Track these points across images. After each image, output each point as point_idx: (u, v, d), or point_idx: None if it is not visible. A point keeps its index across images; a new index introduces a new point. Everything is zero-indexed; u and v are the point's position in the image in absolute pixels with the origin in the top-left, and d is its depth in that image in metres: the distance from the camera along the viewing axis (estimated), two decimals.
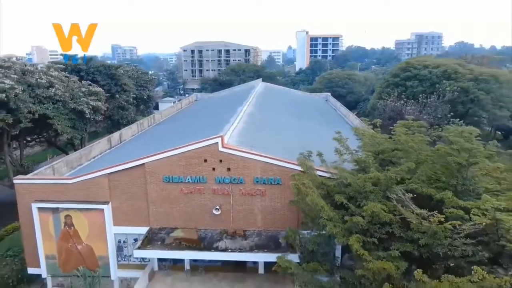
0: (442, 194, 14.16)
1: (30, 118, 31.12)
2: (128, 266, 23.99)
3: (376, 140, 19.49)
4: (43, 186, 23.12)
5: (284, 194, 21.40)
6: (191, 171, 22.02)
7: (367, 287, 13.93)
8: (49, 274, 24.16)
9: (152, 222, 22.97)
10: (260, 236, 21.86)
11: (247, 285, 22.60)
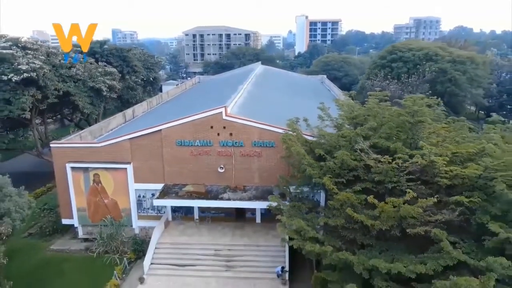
0: (395, 145, 18.59)
1: (55, 94, 35.38)
2: (147, 217, 28.53)
3: (352, 108, 23.81)
4: (76, 149, 27.57)
5: (277, 155, 25.74)
6: (200, 136, 26.37)
7: (336, 214, 18.41)
8: (80, 224, 28.77)
9: (167, 179, 27.43)
10: (257, 190, 26.33)
11: (246, 231, 27.24)
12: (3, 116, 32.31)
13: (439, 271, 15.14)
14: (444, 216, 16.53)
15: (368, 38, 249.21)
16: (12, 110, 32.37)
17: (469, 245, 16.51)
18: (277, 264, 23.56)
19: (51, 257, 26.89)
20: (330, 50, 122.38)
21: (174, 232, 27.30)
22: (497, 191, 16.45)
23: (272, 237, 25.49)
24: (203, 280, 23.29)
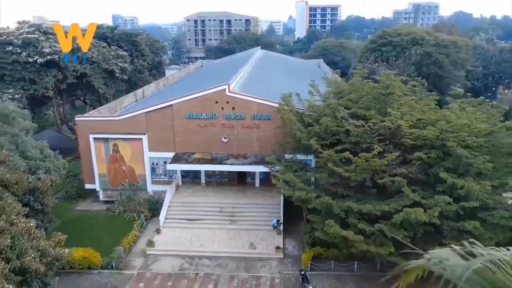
0: (370, 113, 22.47)
1: (74, 75, 39.11)
2: (159, 182, 32.52)
3: (338, 85, 27.63)
4: (98, 122, 31.46)
5: (273, 126, 29.54)
6: (206, 110, 30.17)
7: (321, 171, 22.41)
8: (101, 188, 32.82)
9: (177, 148, 31.33)
10: (256, 157, 30.25)
11: (246, 193, 31.31)
12: (29, 94, 36.07)
13: (399, 209, 19.18)
14: (407, 169, 20.57)
15: (368, 24, 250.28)
16: (37, 89, 36.16)
17: (426, 192, 20.55)
18: (273, 218, 27.68)
19: (78, 215, 31.02)
20: (328, 36, 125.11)
21: (184, 194, 31.37)
22: (450, 149, 20.44)
23: (269, 198, 29.55)
24: (210, 231, 27.41)
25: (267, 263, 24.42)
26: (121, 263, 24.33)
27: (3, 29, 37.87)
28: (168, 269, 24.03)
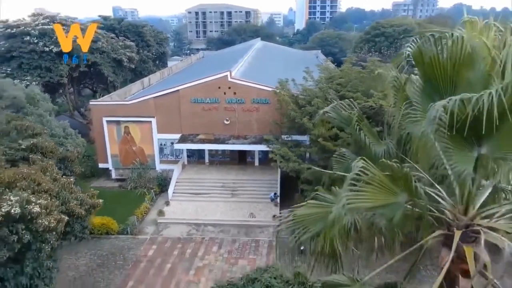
0: (356, 95, 25.34)
1: (85, 64, 41.90)
2: (167, 161, 35.46)
3: (330, 71, 30.48)
4: (110, 106, 34.35)
5: (271, 110, 32.35)
6: (210, 94, 33.00)
7: (313, 146, 25.36)
8: (113, 167, 35.78)
9: (183, 130, 34.20)
10: (255, 138, 33.14)
11: (247, 171, 34.28)
12: (45, 81, 38.91)
13: None
14: None
15: (368, 16, 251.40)
16: (52, 76, 39.01)
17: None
18: (271, 192, 30.68)
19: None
20: (327, 28, 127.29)
21: (190, 172, 34.35)
22: None
23: (268, 174, 32.50)
24: (214, 203, 30.41)
25: (265, 229, 27.45)
26: (135, 230, 27.42)
27: (19, 20, 40.55)
28: (177, 234, 27.09)
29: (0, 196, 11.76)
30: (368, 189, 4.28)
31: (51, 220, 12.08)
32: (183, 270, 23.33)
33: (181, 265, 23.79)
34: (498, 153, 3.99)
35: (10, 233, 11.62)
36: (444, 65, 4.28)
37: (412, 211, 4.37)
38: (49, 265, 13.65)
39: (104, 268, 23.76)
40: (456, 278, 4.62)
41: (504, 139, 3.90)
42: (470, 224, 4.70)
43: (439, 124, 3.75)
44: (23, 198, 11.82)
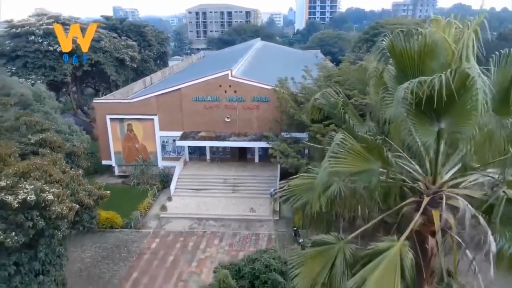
0: (353, 92, 26.11)
1: (88, 63, 42.68)
2: (169, 158, 36.21)
3: (328, 69, 31.24)
4: (114, 104, 35.12)
5: (270, 107, 33.12)
6: (211, 93, 33.76)
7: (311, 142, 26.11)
8: (116, 164, 36.55)
9: (185, 127, 34.97)
10: (255, 135, 33.90)
11: (247, 167, 35.05)
12: (49, 80, 39.68)
13: None
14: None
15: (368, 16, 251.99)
16: (56, 75, 39.81)
17: None
18: (271, 188, 31.43)
19: None
20: (327, 28, 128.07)
21: (191, 168, 35.11)
22: None
23: (268, 171, 33.28)
24: (215, 199, 31.17)
25: (265, 223, 28.23)
26: (139, 224, 28.20)
27: (24, 20, 41.33)
28: (179, 228, 27.86)
29: (16, 184, 12.54)
30: (347, 156, 5.04)
31: (64, 208, 12.85)
32: (185, 261, 24.11)
33: (183, 257, 24.56)
34: (454, 127, 4.76)
35: (25, 219, 12.39)
36: (412, 56, 5.06)
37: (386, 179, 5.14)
38: (60, 251, 14.40)
39: (109, 260, 24.52)
40: (426, 238, 5.37)
41: (458, 116, 4.66)
42: (438, 192, 5.46)
43: (405, 103, 4.52)
44: (37, 187, 12.59)
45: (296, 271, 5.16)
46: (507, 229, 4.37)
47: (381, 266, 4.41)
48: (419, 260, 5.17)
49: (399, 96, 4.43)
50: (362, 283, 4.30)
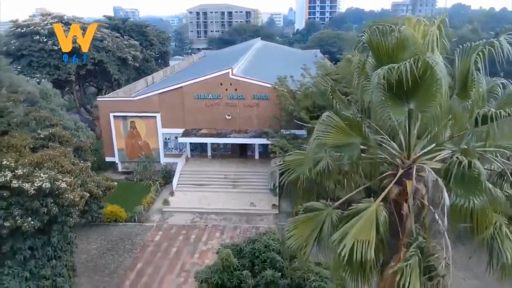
0: (350, 89, 26.93)
1: (92, 62, 43.53)
2: (171, 155, 37.05)
3: (326, 68, 32.09)
4: (117, 102, 35.97)
5: (270, 105, 33.96)
6: (212, 91, 34.61)
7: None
8: (120, 160, 37.39)
9: (187, 125, 35.81)
10: (255, 132, 34.74)
11: (247, 164, 35.91)
12: (53, 79, 40.50)
13: None
14: None
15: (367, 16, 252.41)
16: (61, 74, 40.65)
17: None
18: (270, 182, 32.29)
19: None
20: (326, 28, 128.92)
21: (193, 164, 35.98)
22: None
23: (267, 167, 34.04)
24: (216, 194, 32.01)
25: (265, 217, 29.10)
26: (142, 217, 29.08)
27: (28, 20, 42.19)
28: (181, 221, 28.73)
29: (31, 173, 13.37)
30: (333, 132, 5.90)
31: (75, 195, 13.68)
32: (188, 253, 24.98)
33: (186, 249, 25.43)
34: (421, 107, 5.60)
35: (40, 205, 13.23)
36: (386, 48, 5.90)
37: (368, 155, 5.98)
38: (71, 238, 15.24)
39: (114, 252, 25.39)
40: (402, 205, 6.20)
41: (423, 97, 5.49)
42: (412, 165, 6.29)
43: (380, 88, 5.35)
44: (51, 175, 13.41)
45: (290, 234, 6.01)
46: (459, 188, 5.18)
47: (360, 222, 5.27)
48: (397, 226, 6.01)
49: (374, 81, 5.27)
50: (344, 236, 5.15)
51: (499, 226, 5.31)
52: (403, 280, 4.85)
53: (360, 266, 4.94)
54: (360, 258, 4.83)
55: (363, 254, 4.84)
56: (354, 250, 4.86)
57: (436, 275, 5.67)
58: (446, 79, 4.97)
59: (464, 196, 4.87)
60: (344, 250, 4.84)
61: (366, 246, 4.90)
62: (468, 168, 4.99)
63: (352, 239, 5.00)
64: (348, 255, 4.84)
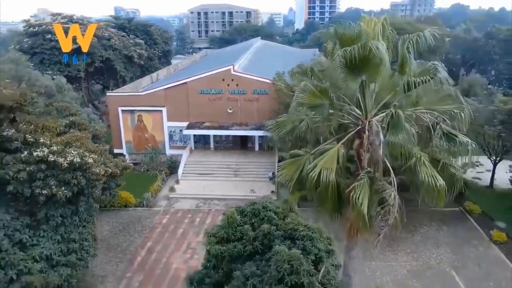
0: None
1: (100, 60, 45.81)
2: (176, 147, 39.28)
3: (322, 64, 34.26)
4: (125, 97, 38.20)
5: (269, 99, 36.12)
6: (215, 86, 36.83)
7: None
8: (127, 152, 39.59)
9: (191, 118, 38.03)
10: (255, 125, 36.96)
11: (248, 155, 38.14)
12: (64, 75, 42.73)
13: None
14: None
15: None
16: (71, 70, 42.90)
17: None
18: (269, 171, 34.53)
19: None
20: (325, 27, 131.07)
21: (197, 156, 38.21)
22: None
23: (267, 158, 36.42)
24: (218, 182, 34.24)
25: None
26: (150, 203, 31.31)
27: (40, 20, 44.48)
28: (187, 206, 30.96)
29: (63, 150, 15.55)
30: (308, 95, 8.08)
31: (100, 170, 15.86)
32: (193, 233, 27.20)
33: (191, 230, 27.66)
34: (370, 79, 7.78)
35: (71, 177, 15.40)
36: (347, 38, 8.09)
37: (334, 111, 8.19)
38: (95, 208, 17.42)
39: (125, 233, 27.62)
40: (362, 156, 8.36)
41: (371, 72, 7.69)
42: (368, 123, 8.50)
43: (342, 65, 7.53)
44: (80, 152, 15.59)
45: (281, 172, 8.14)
46: (391, 131, 7.33)
47: (326, 157, 7.44)
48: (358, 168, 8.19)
49: (337, 61, 7.44)
50: (315, 166, 7.28)
51: (419, 157, 7.49)
52: (355, 195, 7.00)
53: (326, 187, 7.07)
54: (325, 179, 6.99)
55: (327, 176, 6.99)
56: (321, 175, 7.02)
57: (387, 204, 7.86)
58: (386, 59, 7.16)
59: (393, 135, 7.03)
60: (314, 173, 6.98)
61: (329, 171, 7.06)
62: (396, 117, 7.19)
63: (320, 166, 7.16)
64: (317, 178, 7.00)
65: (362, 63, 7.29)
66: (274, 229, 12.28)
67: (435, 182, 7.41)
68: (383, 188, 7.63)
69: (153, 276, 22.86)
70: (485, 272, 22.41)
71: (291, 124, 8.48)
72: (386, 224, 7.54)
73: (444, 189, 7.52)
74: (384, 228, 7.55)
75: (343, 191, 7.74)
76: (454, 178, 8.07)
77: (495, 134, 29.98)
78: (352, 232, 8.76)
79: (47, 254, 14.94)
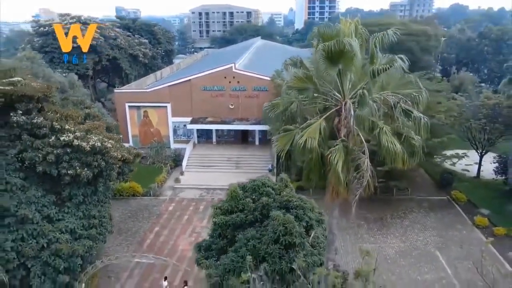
0: None
1: (107, 59, 47.83)
2: (180, 141, 41.30)
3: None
4: (132, 93, 40.23)
5: (269, 96, 38.05)
6: (217, 83, 38.84)
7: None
8: (133, 146, 41.60)
9: (194, 114, 40.03)
10: (256, 120, 38.99)
11: (248, 149, 40.12)
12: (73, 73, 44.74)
13: None
14: None
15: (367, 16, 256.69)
16: (79, 69, 44.90)
17: None
18: (268, 164, 36.53)
19: None
20: None
21: (200, 149, 40.22)
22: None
23: (266, 151, 38.39)
24: (220, 174, 36.20)
25: None
26: (157, 192, 33.32)
27: (50, 21, 46.49)
28: (191, 195, 32.97)
29: (85, 136, 17.55)
30: (296, 80, 10.08)
31: (118, 154, 17.84)
32: (198, 219, 29.21)
33: (196, 217, 29.67)
34: (346, 68, 9.81)
35: (93, 160, 17.40)
36: (327, 36, 10.10)
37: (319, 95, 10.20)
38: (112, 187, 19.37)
39: (134, 219, 29.63)
40: (340, 130, 10.37)
41: (346, 62, 9.71)
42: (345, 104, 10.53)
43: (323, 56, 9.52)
44: (100, 138, 17.58)
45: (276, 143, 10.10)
46: (359, 107, 9.35)
47: (310, 128, 9.43)
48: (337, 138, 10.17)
49: (319, 53, 9.43)
50: (302, 136, 9.29)
51: (382, 127, 9.53)
52: (332, 156, 8.99)
53: (311, 152, 9.04)
54: (310, 146, 8.97)
55: (311, 143, 8.98)
56: (307, 142, 8.99)
57: (361, 170, 9.87)
58: (359, 52, 9.16)
59: (360, 110, 9.02)
60: (301, 140, 8.97)
61: (313, 139, 9.06)
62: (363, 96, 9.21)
63: (306, 135, 9.15)
64: (303, 145, 8.98)
65: (338, 55, 9.29)
66: (272, 201, 14.35)
67: (393, 146, 9.44)
68: (358, 157, 9.57)
69: (162, 256, 24.85)
70: (466, 252, 24.39)
71: (283, 105, 10.44)
72: (361, 186, 9.50)
73: (401, 152, 9.59)
74: (360, 189, 9.53)
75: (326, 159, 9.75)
76: (414, 147, 10.18)
77: (480, 128, 32.02)
78: (333, 194, 10.82)
79: (71, 227, 16.94)
